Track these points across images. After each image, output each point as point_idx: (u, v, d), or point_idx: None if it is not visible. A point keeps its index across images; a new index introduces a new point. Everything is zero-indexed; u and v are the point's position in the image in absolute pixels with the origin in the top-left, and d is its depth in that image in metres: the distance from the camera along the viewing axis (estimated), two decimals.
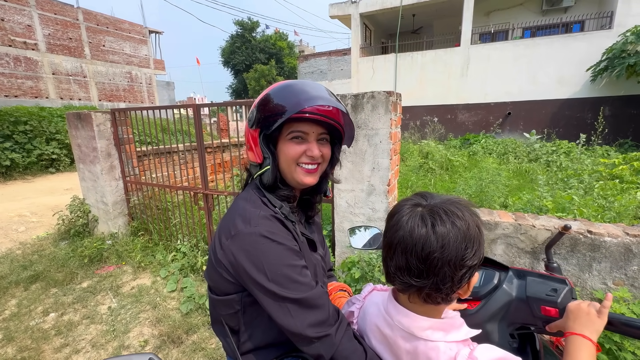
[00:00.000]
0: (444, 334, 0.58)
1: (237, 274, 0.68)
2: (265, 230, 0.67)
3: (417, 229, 0.52)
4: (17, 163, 7.67)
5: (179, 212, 3.32)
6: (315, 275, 0.78)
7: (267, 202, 0.74)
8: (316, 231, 0.93)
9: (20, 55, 14.75)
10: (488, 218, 1.89)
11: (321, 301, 0.67)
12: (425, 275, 0.52)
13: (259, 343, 0.76)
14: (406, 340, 0.60)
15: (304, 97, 0.68)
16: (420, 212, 0.55)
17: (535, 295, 0.70)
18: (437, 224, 0.52)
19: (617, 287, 1.65)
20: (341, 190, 2.23)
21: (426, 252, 0.51)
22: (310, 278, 0.69)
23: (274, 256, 0.65)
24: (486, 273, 0.81)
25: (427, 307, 0.59)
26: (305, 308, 0.65)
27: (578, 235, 1.69)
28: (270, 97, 0.71)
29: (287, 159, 0.73)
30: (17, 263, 3.24)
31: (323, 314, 0.66)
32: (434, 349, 0.56)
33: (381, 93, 1.94)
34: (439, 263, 0.51)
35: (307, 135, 0.73)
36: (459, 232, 0.51)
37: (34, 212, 4.86)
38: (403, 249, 0.54)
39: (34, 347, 2.12)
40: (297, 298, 0.65)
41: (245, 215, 0.70)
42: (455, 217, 0.52)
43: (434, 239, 0.51)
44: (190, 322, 2.31)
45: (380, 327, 0.66)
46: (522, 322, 0.74)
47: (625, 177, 4.20)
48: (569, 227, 0.85)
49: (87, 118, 3.28)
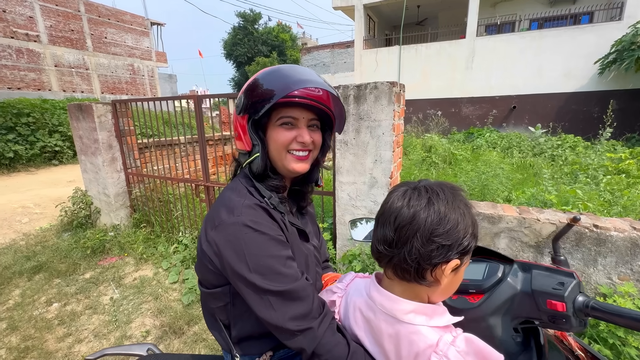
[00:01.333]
0: (426, 318, 0.57)
1: (221, 265, 0.66)
2: (248, 219, 0.64)
3: (396, 202, 0.56)
4: (20, 155, 7.71)
5: (180, 205, 3.32)
6: (307, 265, 0.76)
7: (254, 191, 0.72)
8: (309, 222, 0.91)
9: (22, 47, 14.72)
10: (492, 212, 1.86)
11: (304, 293, 0.65)
12: (395, 245, 0.55)
13: (251, 334, 0.75)
14: (389, 324, 0.59)
15: (292, 80, 0.65)
16: (405, 189, 0.57)
17: (541, 289, 0.68)
18: (413, 199, 0.54)
19: (623, 282, 1.63)
20: (343, 182, 2.20)
21: (397, 222, 0.54)
22: (295, 269, 0.67)
23: (257, 246, 0.63)
24: (490, 266, 0.79)
25: (407, 289, 0.59)
26: (288, 300, 0.63)
27: (583, 229, 1.66)
28: (258, 82, 0.68)
29: (277, 146, 0.70)
30: (21, 254, 3.26)
31: (306, 306, 0.64)
32: (416, 333, 0.56)
33: (384, 83, 1.90)
34: (408, 233, 0.53)
35: (297, 120, 0.70)
36: (432, 207, 0.53)
37: (37, 204, 4.89)
38: (382, 221, 0.57)
39: (37, 336, 2.15)
40: (279, 290, 0.63)
41: (229, 205, 0.68)
42: (433, 194, 0.54)
43: (406, 211, 0.54)
44: (191, 314, 2.32)
45: (363, 312, 0.65)
46: (526, 316, 0.71)
47: (631, 172, 4.13)
48: (578, 218, 0.82)
49: (88, 109, 3.27)
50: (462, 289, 0.79)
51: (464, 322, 0.76)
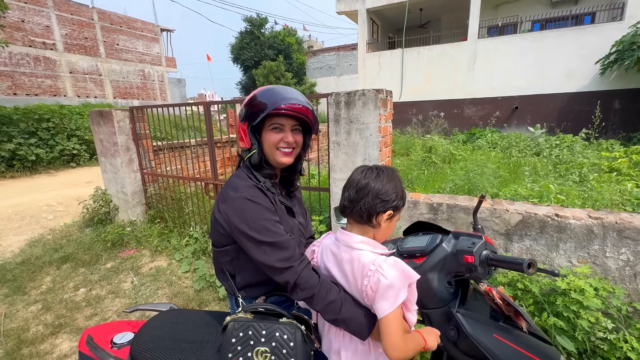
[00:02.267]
0: (371, 247, 0.89)
1: (230, 228, 0.94)
2: (248, 194, 0.93)
3: (357, 175, 0.91)
4: (41, 158, 8.18)
5: (191, 202, 3.61)
6: (292, 233, 1.03)
7: (253, 177, 1.00)
8: (297, 204, 1.18)
9: (39, 55, 15.41)
10: (467, 204, 2.09)
11: (288, 244, 0.92)
12: (355, 200, 0.88)
13: (250, 281, 1.02)
14: (346, 252, 0.89)
15: (280, 98, 0.94)
16: (363, 168, 0.92)
17: (460, 248, 0.93)
18: (368, 174, 0.90)
19: (581, 264, 1.83)
20: (336, 179, 2.45)
21: (357, 187, 0.88)
22: (282, 229, 0.95)
23: (254, 212, 0.91)
24: (432, 237, 1.03)
25: (361, 230, 0.91)
26: (276, 248, 0.90)
27: (547, 218, 1.88)
28: (255, 98, 0.97)
29: (269, 145, 0.99)
30: (49, 246, 3.60)
31: (289, 252, 0.91)
32: (362, 255, 0.87)
33: (371, 91, 2.15)
34: (363, 193, 0.87)
35: (284, 126, 0.98)
36: (378, 179, 0.88)
37: (60, 202, 5.27)
38: (348, 187, 0.92)
39: (68, 315, 2.45)
40: (270, 241, 0.90)
41: (234, 185, 0.96)
42: (380, 172, 0.90)
43: (363, 181, 0.88)
44: (202, 297, 2.60)
45: (331, 249, 0.95)
46: (455, 271, 0.96)
47: (622, 170, 4.28)
48: (484, 195, 1.11)
49: (109, 115, 3.60)
50: (411, 254, 1.04)
51: None
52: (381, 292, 0.80)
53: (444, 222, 2.16)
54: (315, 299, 0.87)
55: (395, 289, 0.80)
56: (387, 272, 0.80)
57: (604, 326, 1.62)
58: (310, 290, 0.88)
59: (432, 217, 2.19)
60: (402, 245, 1.08)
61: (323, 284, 0.89)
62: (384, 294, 0.80)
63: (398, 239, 1.15)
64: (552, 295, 1.78)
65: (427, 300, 0.99)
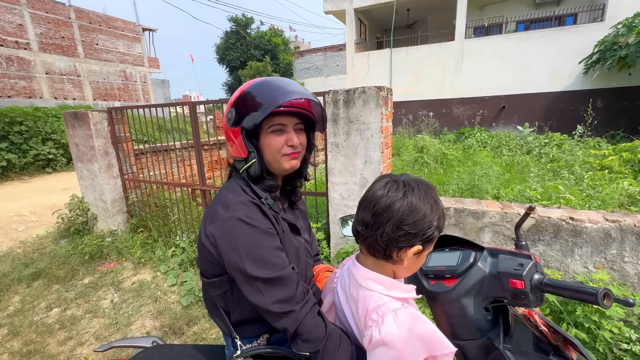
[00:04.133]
0: (383, 287, 0.66)
1: (218, 255, 0.74)
2: (242, 214, 0.72)
3: (377, 191, 0.64)
4: (13, 163, 7.67)
5: (177, 209, 3.37)
6: (297, 257, 0.85)
7: (249, 190, 0.80)
8: (300, 217, 0.99)
9: (12, 55, 14.61)
10: (476, 207, 1.97)
11: (289, 280, 0.73)
12: (371, 227, 0.64)
13: (249, 317, 0.83)
14: (354, 288, 0.70)
15: (280, 93, 0.74)
16: (387, 180, 0.66)
17: (505, 270, 0.77)
18: (392, 190, 0.63)
19: (598, 270, 1.74)
20: (335, 183, 2.29)
21: (375, 209, 0.63)
22: (283, 259, 0.75)
23: (248, 238, 0.71)
24: (463, 253, 0.88)
25: (377, 264, 0.69)
26: (274, 286, 0.71)
27: (561, 222, 1.77)
28: (248, 96, 0.76)
29: (272, 151, 0.79)
30: (19, 261, 3.29)
31: (289, 292, 0.72)
32: (369, 296, 0.65)
33: (372, 88, 2.00)
34: (383, 220, 0.62)
35: (286, 126, 0.79)
36: (406, 200, 0.61)
37: (32, 212, 4.89)
38: (364, 206, 0.66)
39: (39, 341, 2.19)
40: (266, 277, 0.70)
41: (225, 202, 0.76)
42: (409, 189, 0.63)
43: (384, 200, 0.62)
44: (190, 314, 2.38)
45: (344, 281, 0.76)
46: (494, 296, 0.80)
47: (614, 168, 4.30)
48: (533, 207, 0.93)
49: (84, 117, 3.32)
50: (439, 275, 0.88)
51: (440, 304, 0.86)
52: (372, 355, 0.60)
53: (451, 227, 2.03)
54: (320, 355, 0.70)
55: (395, 357, 0.57)
56: (386, 329, 0.58)
57: (627, 337, 1.52)
58: (314, 344, 0.70)
59: None
60: (425, 264, 0.93)
61: (331, 337, 0.71)
62: (374, 357, 0.60)
63: None
64: (570, 304, 1.68)
65: (461, 330, 0.83)
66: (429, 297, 0.89)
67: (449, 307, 0.85)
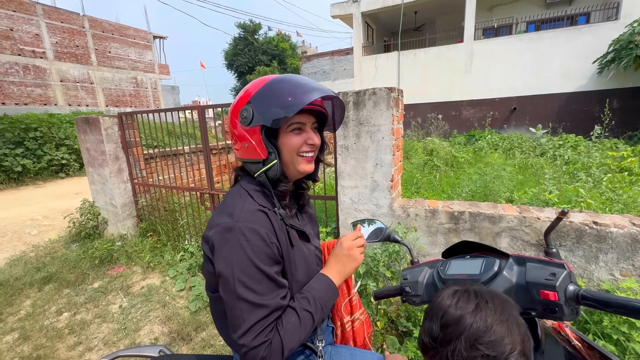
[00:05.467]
0: None
1: (212, 259, 0.71)
2: (245, 226, 0.68)
3: (445, 300, 0.57)
4: (28, 169, 7.86)
5: (186, 213, 3.37)
6: (307, 264, 0.81)
7: (258, 195, 0.76)
8: (309, 223, 0.95)
9: (29, 64, 15.09)
10: (492, 211, 1.89)
11: (271, 309, 0.68)
12: (440, 342, 0.54)
13: None
14: None
15: (302, 91, 0.70)
16: (455, 289, 0.59)
17: (535, 280, 0.71)
18: (462, 301, 0.55)
19: (625, 278, 1.64)
20: (345, 187, 2.24)
21: (444, 320, 0.55)
22: (272, 289, 0.69)
23: (244, 256, 0.67)
24: (487, 261, 0.82)
25: None
26: (255, 309, 0.66)
27: (584, 226, 1.68)
28: (267, 94, 0.72)
29: (290, 151, 0.75)
30: (31, 265, 3.32)
31: (260, 322, 0.67)
32: None
33: (382, 89, 1.96)
34: (453, 334, 0.53)
35: (305, 125, 0.76)
36: (479, 314, 0.53)
37: (45, 216, 4.97)
38: (430, 315, 0.58)
39: (48, 346, 2.18)
40: (252, 301, 0.66)
41: (230, 209, 0.72)
42: (482, 301, 0.55)
43: (452, 311, 0.54)
44: (199, 320, 2.35)
45: None
46: (522, 308, 0.74)
47: (634, 170, 4.13)
48: (566, 212, 0.85)
49: (95, 122, 3.36)
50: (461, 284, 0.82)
51: None
52: None
53: (467, 232, 1.96)
54: None
55: None
56: None
57: None
58: None
59: (453, 227, 1.98)
60: (445, 271, 0.87)
61: None
62: None
63: (437, 262, 0.94)
64: (595, 314, 1.58)
65: None
66: None
67: None
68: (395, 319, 1.94)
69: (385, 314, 1.98)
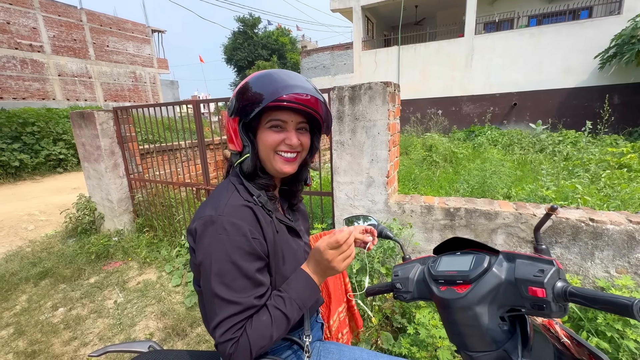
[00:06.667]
0: None
1: (197, 254, 0.69)
2: (227, 220, 0.67)
3: None
4: (25, 164, 7.82)
5: (182, 208, 3.36)
6: (296, 260, 0.79)
7: (242, 190, 0.75)
8: (301, 219, 0.94)
9: (26, 58, 14.97)
10: (488, 208, 1.88)
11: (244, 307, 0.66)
12: None
13: None
14: None
15: (282, 86, 0.68)
16: None
17: (523, 277, 0.70)
18: None
19: (620, 275, 1.63)
20: (340, 182, 2.23)
21: None
22: (249, 288, 0.67)
23: (222, 250, 0.66)
24: (477, 257, 0.80)
25: None
26: (228, 306, 0.65)
27: (580, 223, 1.67)
28: (249, 86, 0.71)
29: (266, 147, 0.74)
30: (27, 260, 3.32)
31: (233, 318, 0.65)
32: None
33: (378, 84, 1.93)
34: None
35: (286, 123, 0.73)
36: None
37: (42, 211, 4.96)
38: None
39: (44, 341, 2.18)
40: (226, 298, 0.65)
41: (215, 202, 0.72)
42: None
43: None
44: (194, 315, 2.35)
45: None
46: (511, 304, 0.73)
47: (633, 166, 4.11)
48: (555, 207, 0.84)
49: (90, 117, 3.33)
50: (450, 280, 0.81)
51: (452, 312, 0.79)
52: None
53: (462, 229, 1.94)
54: None
55: None
56: None
57: None
58: None
59: (449, 224, 1.97)
60: (435, 268, 0.86)
61: None
62: None
63: (428, 258, 0.93)
64: (590, 311, 1.57)
65: (474, 341, 0.76)
66: (439, 304, 0.82)
67: (461, 316, 0.78)
68: (390, 316, 1.94)
69: (380, 310, 1.98)
